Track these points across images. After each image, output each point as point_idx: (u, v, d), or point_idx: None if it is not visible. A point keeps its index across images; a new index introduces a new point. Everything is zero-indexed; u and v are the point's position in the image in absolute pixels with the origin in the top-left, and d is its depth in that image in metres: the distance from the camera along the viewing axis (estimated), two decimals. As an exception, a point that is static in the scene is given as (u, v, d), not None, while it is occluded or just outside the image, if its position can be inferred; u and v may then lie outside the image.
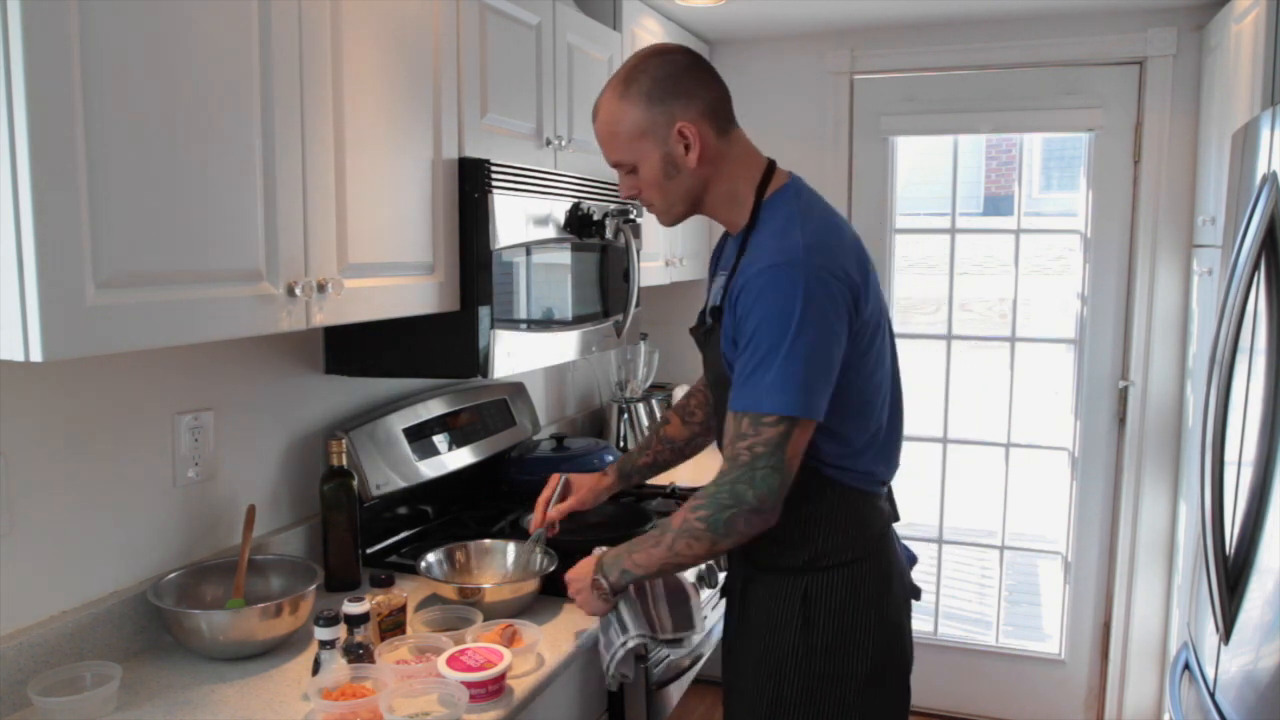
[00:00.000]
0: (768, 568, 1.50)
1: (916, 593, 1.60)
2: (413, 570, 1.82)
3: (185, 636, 1.51)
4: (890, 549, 1.53)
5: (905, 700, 1.54)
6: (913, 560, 1.65)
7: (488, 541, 1.95)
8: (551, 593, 1.83)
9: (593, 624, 1.65)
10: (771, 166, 1.49)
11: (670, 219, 1.53)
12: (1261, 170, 1.66)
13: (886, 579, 1.49)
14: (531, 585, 1.75)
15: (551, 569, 1.78)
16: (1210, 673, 1.74)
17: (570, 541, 1.88)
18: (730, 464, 1.35)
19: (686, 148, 1.41)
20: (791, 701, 1.45)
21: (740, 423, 1.34)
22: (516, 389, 2.58)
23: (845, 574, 1.45)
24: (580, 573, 1.55)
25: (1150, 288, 2.94)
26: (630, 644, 1.53)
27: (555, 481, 1.84)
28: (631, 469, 1.88)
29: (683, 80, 1.41)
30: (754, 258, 1.38)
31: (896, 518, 1.61)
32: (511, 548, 1.92)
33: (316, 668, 1.42)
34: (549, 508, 1.82)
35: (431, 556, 1.85)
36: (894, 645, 1.48)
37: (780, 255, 1.34)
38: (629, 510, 2.25)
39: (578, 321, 2.17)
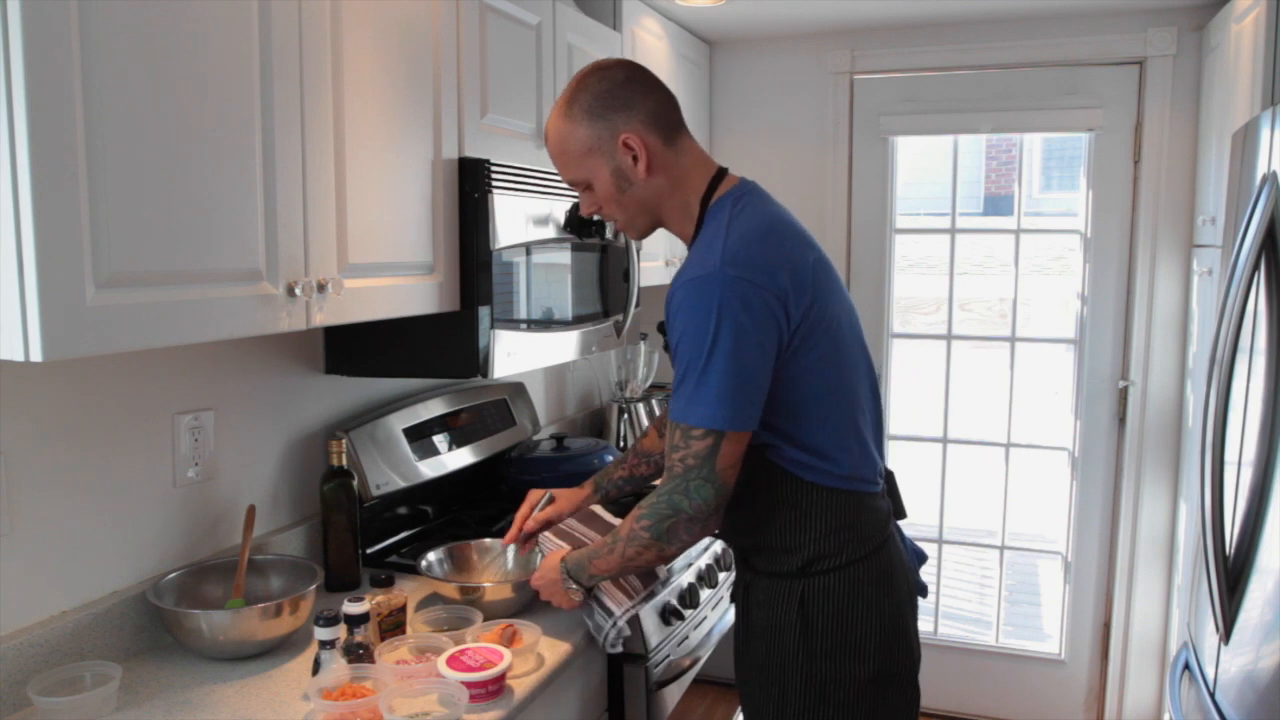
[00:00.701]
0: (765, 572, 1.49)
1: (923, 590, 1.59)
2: (413, 570, 1.82)
3: (185, 636, 1.51)
4: (891, 548, 1.50)
5: (914, 701, 1.52)
6: (921, 558, 1.64)
7: (488, 541, 1.95)
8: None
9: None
10: (720, 174, 1.48)
11: (636, 233, 1.53)
12: (1261, 170, 1.66)
13: (887, 579, 1.47)
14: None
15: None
16: (1210, 673, 1.74)
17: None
18: (668, 475, 1.39)
19: (635, 159, 1.42)
20: (795, 704, 1.44)
21: (674, 433, 1.37)
22: (516, 389, 2.58)
23: (842, 577, 1.44)
24: (547, 577, 1.61)
25: (1150, 288, 2.94)
26: (620, 623, 1.63)
27: (535, 498, 1.84)
28: (608, 483, 1.88)
29: (620, 93, 1.42)
30: (681, 270, 1.39)
31: (901, 514, 1.60)
32: (511, 548, 1.92)
33: (316, 668, 1.42)
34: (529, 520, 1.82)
35: (432, 555, 1.85)
36: (898, 647, 1.47)
37: (700, 268, 1.34)
38: (629, 510, 2.25)
39: (578, 321, 2.17)
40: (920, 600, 1.59)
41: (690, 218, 1.47)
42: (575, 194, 2.10)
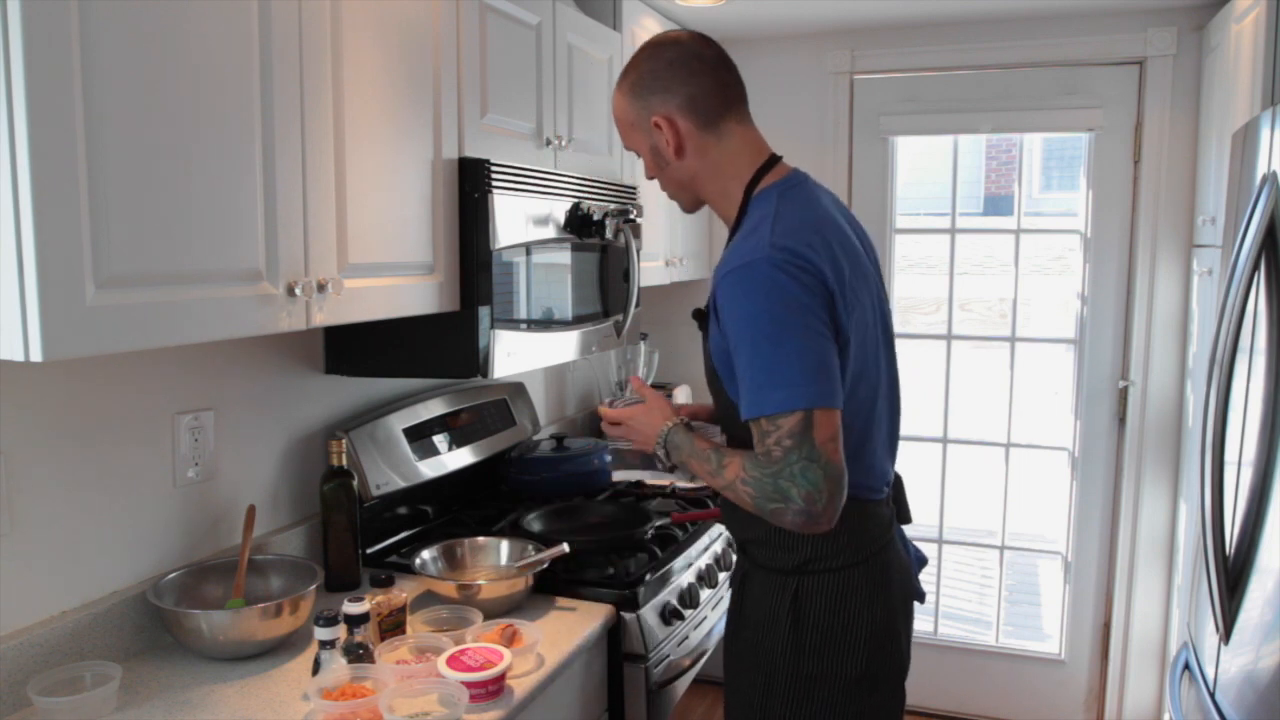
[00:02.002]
0: (762, 566, 1.48)
1: (920, 596, 1.57)
2: (412, 570, 1.82)
3: (185, 636, 1.51)
4: (890, 554, 1.48)
5: (899, 705, 1.51)
6: (921, 562, 1.62)
7: (482, 539, 1.95)
8: (547, 590, 1.83)
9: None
10: (770, 162, 1.46)
11: (683, 206, 1.55)
12: (1261, 170, 1.66)
13: (883, 584, 1.45)
14: (526, 580, 1.76)
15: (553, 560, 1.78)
16: (1210, 673, 1.74)
17: (572, 541, 1.88)
18: (768, 461, 1.28)
19: (667, 140, 1.43)
20: (781, 697, 1.44)
21: (759, 427, 1.28)
22: (516, 389, 2.58)
23: (837, 578, 1.42)
24: (646, 425, 1.52)
25: (1150, 288, 2.94)
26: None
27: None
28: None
29: (663, 75, 1.42)
30: (724, 260, 1.35)
31: (906, 519, 1.59)
32: (505, 545, 1.93)
33: (316, 668, 1.42)
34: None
35: (426, 553, 1.85)
36: (886, 649, 1.45)
37: (745, 256, 1.30)
38: (629, 510, 2.25)
39: (578, 321, 2.17)
40: (923, 601, 1.58)
41: (732, 203, 1.46)
42: (575, 194, 2.11)
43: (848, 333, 1.34)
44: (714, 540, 2.26)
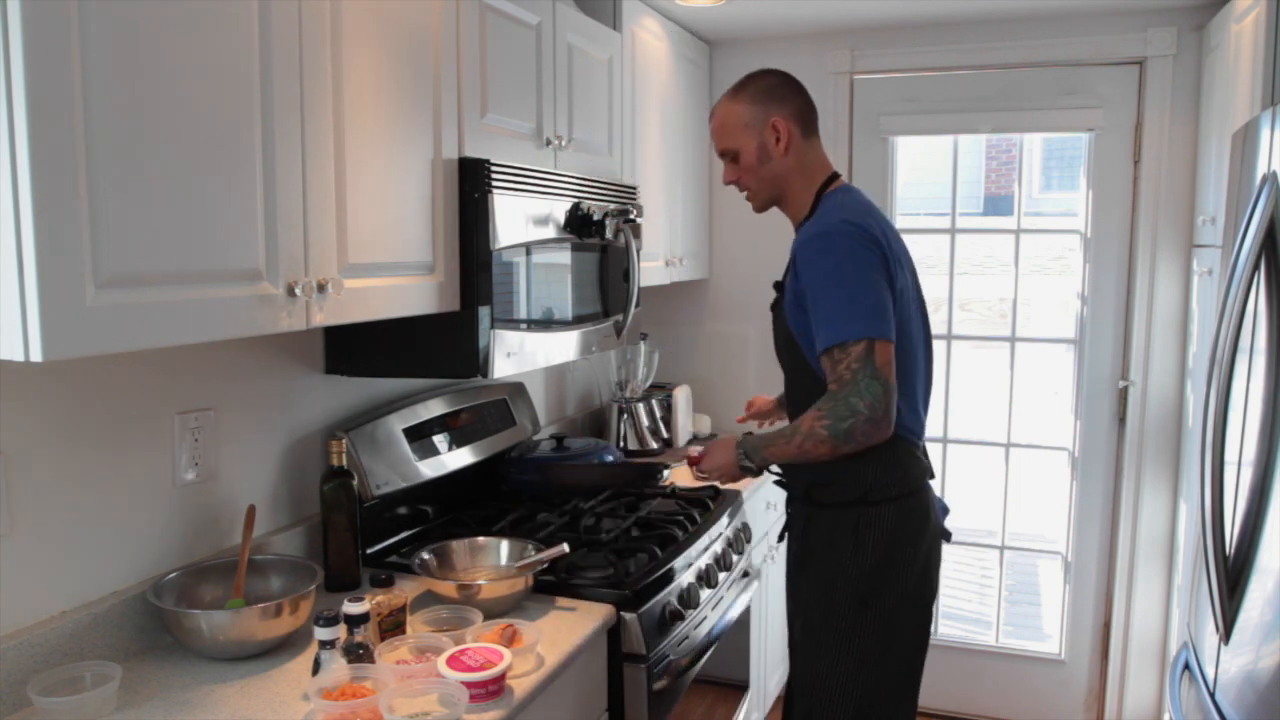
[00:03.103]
0: (827, 504, 1.75)
1: (948, 535, 1.87)
2: (412, 570, 1.82)
3: (185, 636, 1.51)
4: (929, 494, 1.79)
5: (928, 625, 1.85)
6: (945, 511, 1.90)
7: (482, 539, 1.95)
8: (547, 590, 1.83)
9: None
10: (835, 176, 1.84)
11: (760, 202, 1.86)
12: (1261, 170, 1.66)
13: (926, 517, 1.76)
14: (526, 580, 1.76)
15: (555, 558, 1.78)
16: (1210, 673, 1.74)
17: (573, 539, 1.88)
18: (839, 384, 1.60)
19: (777, 140, 1.77)
20: (842, 612, 1.72)
21: (831, 356, 1.61)
22: (516, 389, 2.58)
23: (893, 508, 1.72)
24: (722, 454, 1.81)
25: (1150, 288, 2.94)
26: None
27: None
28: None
29: (778, 90, 1.80)
30: (800, 234, 1.72)
31: (932, 474, 1.84)
32: (505, 545, 1.93)
33: (316, 668, 1.42)
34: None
35: (426, 553, 1.85)
36: (927, 574, 1.78)
37: (822, 225, 1.68)
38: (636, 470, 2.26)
39: (578, 321, 2.17)
40: (947, 544, 1.89)
41: (803, 204, 1.81)
42: (575, 194, 2.11)
43: (905, 295, 1.71)
44: (714, 540, 2.26)
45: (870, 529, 1.71)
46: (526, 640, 1.56)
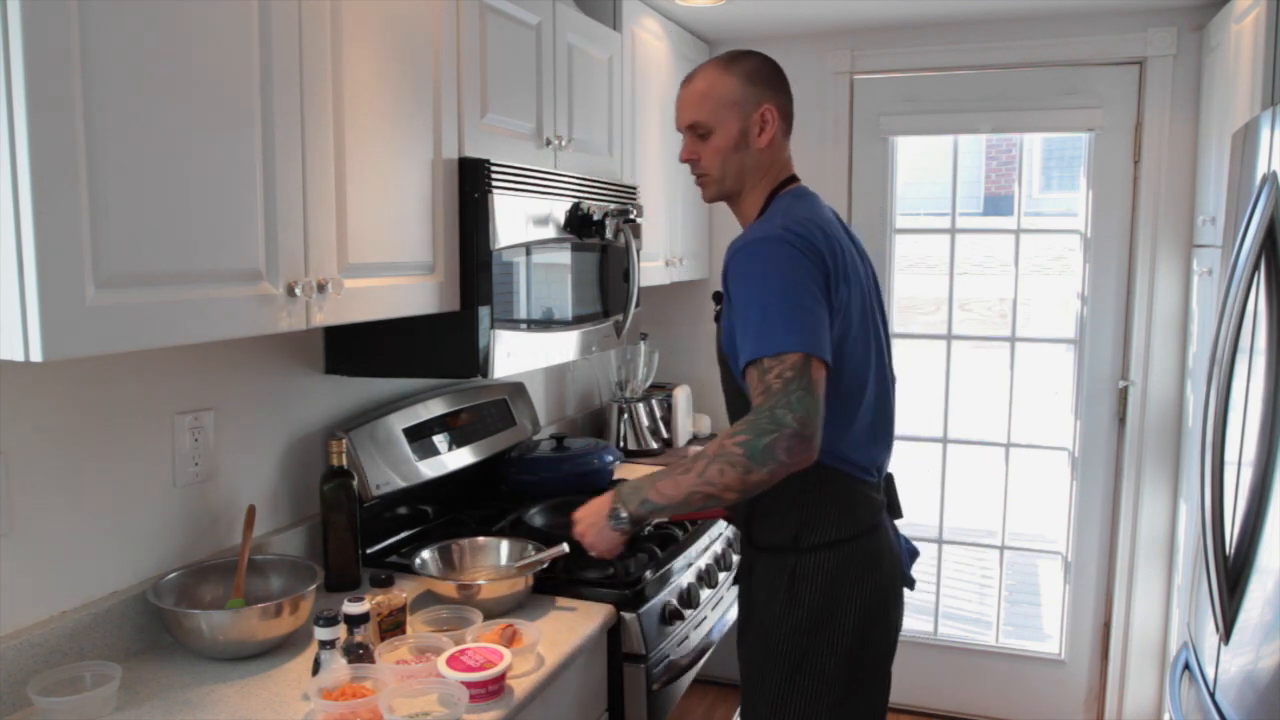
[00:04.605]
0: (764, 547, 1.58)
1: (909, 582, 1.67)
2: (412, 570, 1.82)
3: (185, 636, 1.51)
4: (879, 537, 1.59)
5: (884, 688, 1.63)
6: (913, 554, 1.71)
7: (482, 539, 1.95)
8: (547, 590, 1.83)
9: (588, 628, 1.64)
10: (792, 179, 1.67)
11: (716, 190, 1.66)
12: (1261, 170, 1.66)
13: (874, 563, 1.56)
14: (526, 580, 1.76)
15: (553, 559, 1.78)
16: (1210, 673, 1.74)
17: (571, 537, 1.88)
18: (765, 396, 1.39)
19: (762, 129, 1.60)
20: (774, 678, 1.54)
21: (760, 367, 1.40)
22: (516, 389, 2.58)
23: (831, 555, 1.53)
24: (592, 509, 1.58)
25: (1150, 288, 2.94)
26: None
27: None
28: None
29: (776, 78, 1.64)
30: (738, 238, 1.53)
31: (897, 513, 1.68)
32: (505, 545, 1.93)
33: (316, 668, 1.42)
34: None
35: (426, 553, 1.85)
36: (875, 630, 1.56)
37: (762, 231, 1.49)
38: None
39: (578, 321, 2.17)
40: (911, 595, 1.68)
41: (755, 203, 1.64)
42: (575, 194, 2.11)
43: (851, 312, 1.52)
44: (714, 540, 2.26)
45: (804, 581, 1.52)
46: (526, 640, 1.56)
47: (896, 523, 1.69)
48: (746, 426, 1.39)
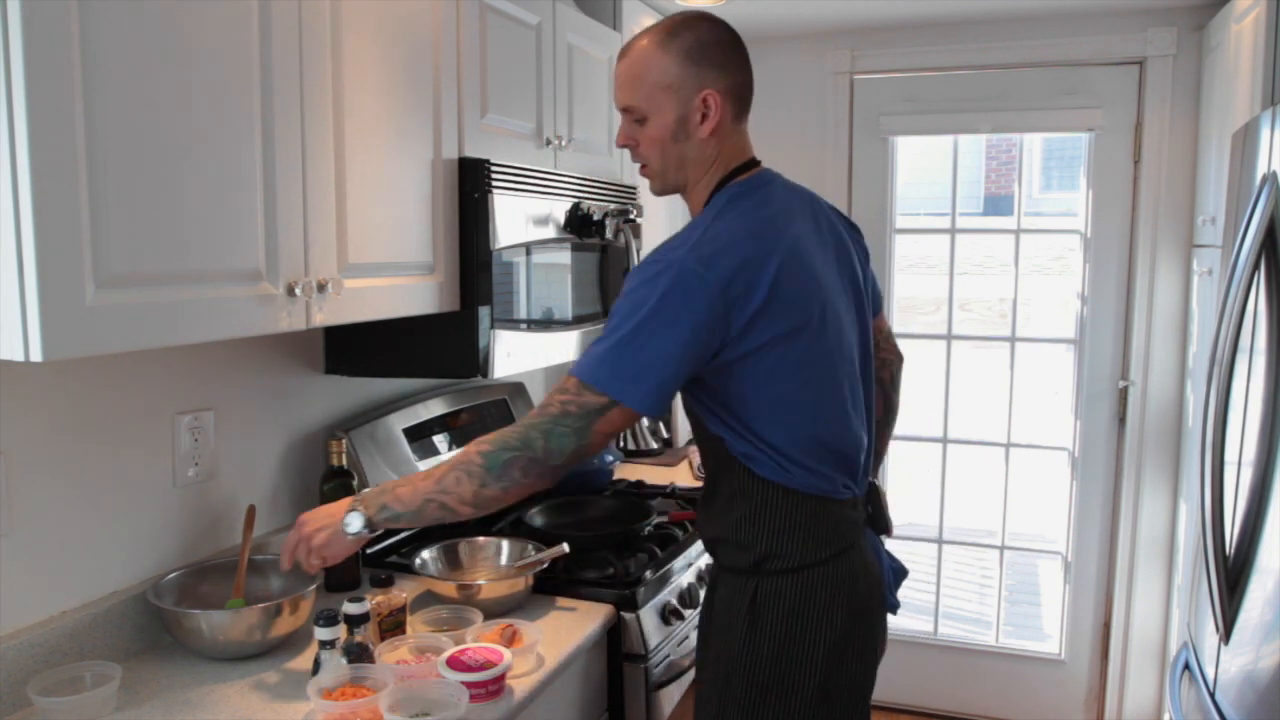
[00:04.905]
0: (726, 567, 1.47)
1: (892, 607, 1.54)
2: (412, 570, 1.82)
3: (185, 636, 1.51)
4: (854, 557, 1.43)
5: (860, 717, 1.46)
6: (900, 574, 1.58)
7: (482, 539, 1.95)
8: (547, 590, 1.83)
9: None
10: (748, 165, 1.47)
11: (662, 185, 1.48)
12: (1261, 170, 1.66)
13: (844, 589, 1.40)
14: (526, 580, 1.76)
15: (553, 560, 1.78)
16: (1210, 673, 1.74)
17: (574, 536, 1.88)
18: (539, 410, 1.33)
19: (704, 116, 1.40)
20: (739, 703, 1.40)
21: (569, 380, 1.32)
22: (516, 389, 2.58)
23: (795, 580, 1.39)
24: (325, 510, 1.43)
25: (1150, 288, 2.94)
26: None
27: None
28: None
29: (724, 52, 1.41)
30: (653, 250, 1.37)
31: (883, 529, 1.56)
32: (506, 545, 1.93)
33: (316, 668, 1.42)
34: None
35: (426, 553, 1.85)
36: (846, 663, 1.40)
37: (663, 252, 1.33)
38: (630, 504, 2.25)
39: (578, 321, 2.17)
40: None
41: (704, 197, 1.45)
42: (575, 194, 2.10)
43: (791, 324, 1.34)
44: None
45: (766, 607, 1.39)
46: (526, 640, 1.56)
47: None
48: (496, 437, 1.33)
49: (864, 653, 1.43)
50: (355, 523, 1.39)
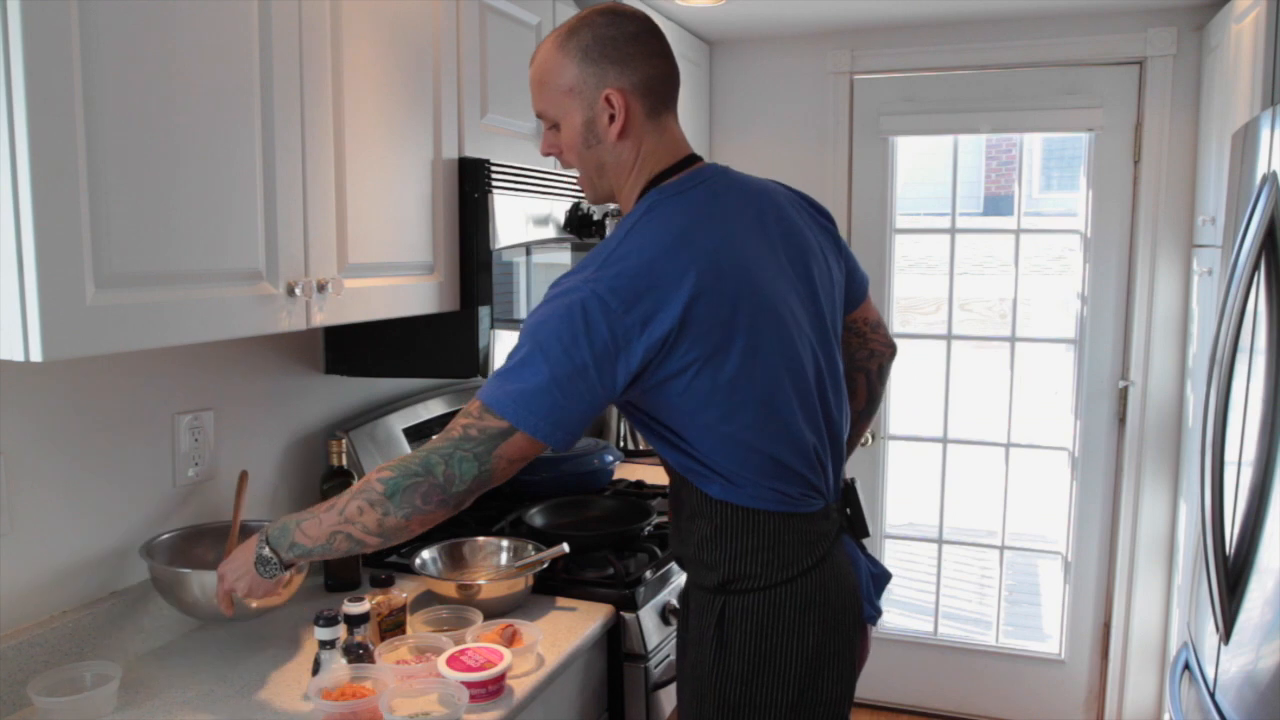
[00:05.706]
0: (696, 584, 1.42)
1: (871, 618, 1.45)
2: (412, 570, 1.82)
3: (179, 595, 1.48)
4: (826, 571, 1.36)
5: None
6: (882, 579, 1.50)
7: (482, 539, 1.95)
8: (547, 590, 1.83)
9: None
10: (682, 163, 1.37)
11: (593, 193, 1.41)
12: (1261, 170, 1.66)
13: (816, 604, 1.34)
14: (526, 580, 1.76)
15: (554, 559, 1.78)
16: (1210, 673, 1.74)
17: (574, 535, 1.88)
18: (443, 434, 1.26)
19: (611, 118, 1.32)
20: None
21: (472, 404, 1.26)
22: (516, 389, 2.57)
23: (763, 598, 1.33)
24: (238, 560, 1.36)
25: (1150, 288, 2.94)
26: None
27: None
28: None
29: (625, 47, 1.31)
30: (566, 273, 1.29)
31: (862, 533, 1.48)
32: (506, 545, 1.93)
33: (316, 668, 1.42)
34: None
35: (426, 553, 1.85)
36: (824, 677, 1.34)
37: (569, 283, 1.25)
38: (630, 504, 2.25)
39: (578, 321, 2.16)
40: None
41: (632, 201, 1.37)
42: (575, 194, 2.11)
43: (720, 341, 1.26)
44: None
45: (734, 626, 1.33)
46: (526, 640, 1.56)
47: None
48: (398, 464, 1.26)
49: (841, 667, 1.37)
50: (269, 568, 1.33)
